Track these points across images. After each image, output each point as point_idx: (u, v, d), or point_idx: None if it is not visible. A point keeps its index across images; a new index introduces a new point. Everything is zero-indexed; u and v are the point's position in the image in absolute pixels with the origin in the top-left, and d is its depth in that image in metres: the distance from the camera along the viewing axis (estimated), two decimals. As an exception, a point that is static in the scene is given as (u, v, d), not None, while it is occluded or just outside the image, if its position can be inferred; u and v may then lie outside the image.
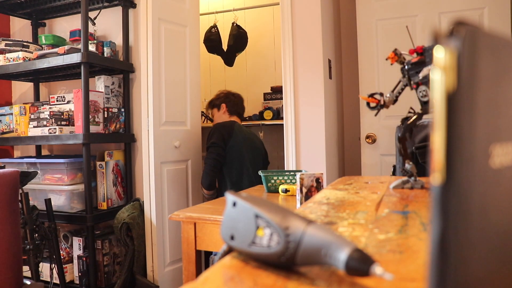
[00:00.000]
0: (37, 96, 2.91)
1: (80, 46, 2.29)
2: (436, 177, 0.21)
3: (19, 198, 1.77)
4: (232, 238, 0.39)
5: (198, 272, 1.52)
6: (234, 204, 0.40)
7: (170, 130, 2.51)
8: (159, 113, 2.42)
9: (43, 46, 2.65)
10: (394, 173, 1.67)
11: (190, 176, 2.65)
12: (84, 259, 2.34)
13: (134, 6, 2.64)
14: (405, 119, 0.84)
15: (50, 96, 2.68)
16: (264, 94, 3.44)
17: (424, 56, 0.82)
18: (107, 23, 2.71)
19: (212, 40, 3.47)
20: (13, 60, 2.48)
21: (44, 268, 2.32)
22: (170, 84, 2.51)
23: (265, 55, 3.62)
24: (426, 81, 0.81)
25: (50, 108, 2.49)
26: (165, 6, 2.49)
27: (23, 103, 2.74)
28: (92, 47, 2.44)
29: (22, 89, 3.04)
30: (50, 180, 2.35)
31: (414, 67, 0.83)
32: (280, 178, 1.86)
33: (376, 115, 0.94)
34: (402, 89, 0.87)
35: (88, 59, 2.23)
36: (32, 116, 2.44)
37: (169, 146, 2.49)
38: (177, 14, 2.60)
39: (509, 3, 2.27)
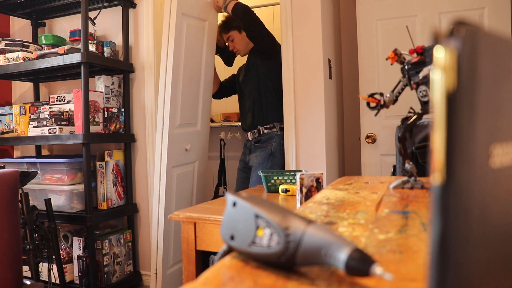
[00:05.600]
0: (37, 96, 2.91)
1: (80, 46, 2.29)
2: (436, 177, 0.21)
3: (19, 198, 1.77)
4: (232, 238, 0.39)
5: (198, 272, 1.52)
6: (234, 204, 0.40)
7: (182, 133, 2.40)
8: (174, 115, 2.30)
9: (43, 46, 2.65)
10: (394, 173, 1.67)
11: (196, 178, 2.59)
12: (84, 259, 2.34)
13: (134, 6, 2.64)
14: (405, 119, 0.84)
15: (50, 96, 2.68)
16: (264, 94, 3.44)
17: (424, 56, 0.82)
18: (107, 23, 2.71)
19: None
20: (13, 60, 2.48)
21: (44, 268, 2.32)
22: (187, 83, 2.38)
23: (265, 55, 3.61)
24: (426, 81, 0.81)
25: (50, 108, 2.49)
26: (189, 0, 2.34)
27: (23, 103, 2.74)
28: (92, 47, 2.44)
29: (22, 89, 3.04)
30: (50, 180, 2.35)
31: (414, 67, 0.83)
32: (280, 178, 1.86)
33: (376, 115, 0.94)
34: (402, 89, 0.87)
35: (88, 59, 2.23)
36: (32, 116, 2.44)
37: (181, 149, 2.39)
38: (199, 8, 2.45)
39: (509, 3, 2.27)
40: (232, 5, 2.42)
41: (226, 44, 2.70)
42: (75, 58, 2.22)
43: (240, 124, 3.31)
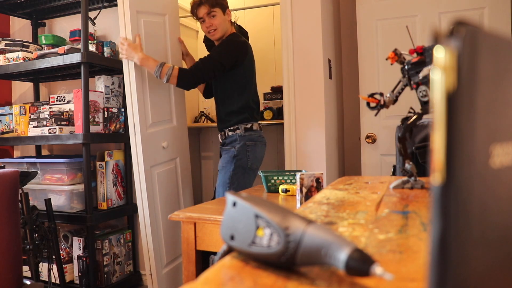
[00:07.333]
0: (37, 96, 2.91)
1: (80, 46, 2.29)
2: (436, 177, 0.21)
3: (19, 198, 1.77)
4: (232, 238, 0.39)
5: (198, 272, 1.52)
6: (234, 204, 0.40)
7: (157, 131, 2.37)
8: (144, 115, 2.26)
9: (43, 46, 2.65)
10: (394, 173, 1.67)
11: (180, 174, 2.56)
12: (84, 259, 2.34)
13: (134, 6, 2.64)
14: (405, 119, 0.84)
15: (50, 96, 2.68)
16: (264, 94, 3.43)
17: (424, 56, 0.82)
18: (107, 23, 2.71)
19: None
20: (13, 60, 2.48)
21: (44, 268, 2.32)
22: (154, 81, 2.34)
23: (265, 55, 3.61)
24: (426, 81, 0.81)
25: (50, 108, 2.49)
26: None
27: (23, 103, 2.74)
28: (92, 47, 2.44)
29: (22, 89, 3.04)
30: (50, 180, 2.35)
31: (414, 67, 0.83)
32: (280, 178, 1.86)
33: (376, 115, 0.94)
34: (402, 89, 0.87)
35: (88, 59, 2.23)
36: (32, 116, 2.44)
37: (158, 148, 2.36)
38: (155, 2, 2.40)
39: (509, 3, 2.27)
40: (164, 75, 2.21)
41: (197, 20, 2.44)
42: (75, 58, 2.22)
43: None
